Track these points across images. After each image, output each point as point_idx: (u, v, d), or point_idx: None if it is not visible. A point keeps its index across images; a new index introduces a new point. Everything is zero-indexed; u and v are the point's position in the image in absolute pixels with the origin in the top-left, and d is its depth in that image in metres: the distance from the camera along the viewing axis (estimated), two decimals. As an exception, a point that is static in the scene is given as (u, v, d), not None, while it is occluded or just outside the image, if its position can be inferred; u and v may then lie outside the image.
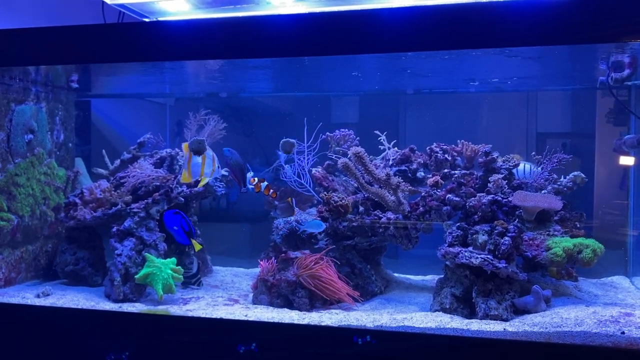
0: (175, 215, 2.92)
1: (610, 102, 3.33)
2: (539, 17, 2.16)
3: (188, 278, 3.04)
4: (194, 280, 3.06)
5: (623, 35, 2.16)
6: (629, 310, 2.44)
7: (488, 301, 2.45)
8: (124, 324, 2.58)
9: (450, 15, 2.26)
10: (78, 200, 3.07)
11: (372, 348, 2.23)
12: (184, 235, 2.91)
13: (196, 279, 3.06)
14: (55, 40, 2.68)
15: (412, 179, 3.14)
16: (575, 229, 2.86)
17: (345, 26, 2.36)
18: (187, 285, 3.05)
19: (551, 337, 2.19)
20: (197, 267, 3.10)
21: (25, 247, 3.14)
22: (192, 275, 3.06)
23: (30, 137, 3.12)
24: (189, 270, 3.06)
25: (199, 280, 3.09)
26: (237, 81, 3.55)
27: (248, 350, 2.30)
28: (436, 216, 2.82)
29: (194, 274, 3.07)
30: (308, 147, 3.04)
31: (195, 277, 3.06)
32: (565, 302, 2.60)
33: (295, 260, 2.76)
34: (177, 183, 3.13)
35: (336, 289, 2.70)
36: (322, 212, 2.95)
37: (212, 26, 2.59)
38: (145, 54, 2.64)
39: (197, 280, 3.07)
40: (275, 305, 2.71)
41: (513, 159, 3.01)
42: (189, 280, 3.05)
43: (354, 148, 2.77)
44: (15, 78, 3.02)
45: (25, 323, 2.61)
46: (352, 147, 2.78)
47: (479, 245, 2.55)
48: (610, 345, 2.13)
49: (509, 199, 2.76)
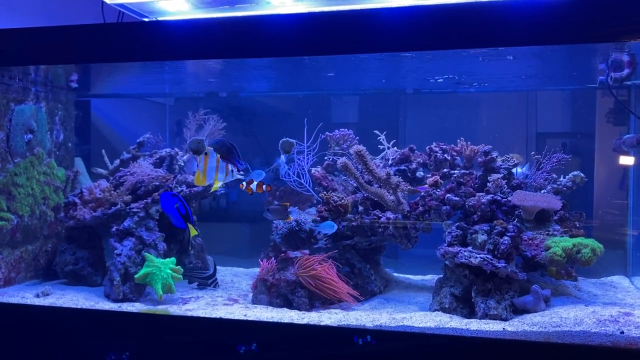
0: (173, 198, 2.77)
1: (610, 101, 3.33)
2: (537, 17, 2.16)
3: (204, 279, 3.02)
4: (211, 282, 3.03)
5: (622, 35, 2.16)
6: (629, 309, 2.44)
7: (487, 301, 2.45)
8: (124, 323, 2.58)
9: (449, 15, 2.26)
10: (77, 200, 3.07)
11: (372, 348, 2.23)
12: (180, 219, 2.77)
13: (212, 280, 3.03)
14: (54, 40, 2.68)
15: (412, 179, 3.15)
16: (574, 229, 2.86)
17: (345, 26, 2.36)
18: (204, 286, 3.04)
19: (550, 336, 2.19)
20: (214, 268, 3.07)
21: (25, 247, 3.14)
22: (209, 276, 3.03)
23: (30, 137, 3.12)
24: (205, 271, 3.05)
25: (216, 282, 3.06)
26: (237, 81, 3.55)
27: (248, 350, 2.30)
28: (435, 216, 2.82)
29: (210, 274, 3.04)
30: (307, 146, 3.05)
31: (212, 278, 3.04)
32: (565, 301, 2.60)
33: (296, 260, 2.76)
34: (176, 183, 3.13)
35: (337, 287, 2.70)
36: (322, 211, 2.95)
37: (211, 26, 2.59)
38: (145, 54, 2.64)
39: (213, 282, 3.04)
40: (274, 305, 2.71)
41: (512, 158, 3.01)
42: (205, 281, 3.03)
43: (356, 146, 2.77)
44: (14, 78, 3.03)
45: (25, 323, 2.61)
46: (354, 146, 2.78)
47: (478, 244, 2.55)
48: (610, 345, 2.13)
49: (508, 199, 2.76)
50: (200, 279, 3.02)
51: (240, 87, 3.83)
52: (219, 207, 4.01)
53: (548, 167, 2.99)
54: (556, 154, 2.99)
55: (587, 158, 3.46)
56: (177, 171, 3.30)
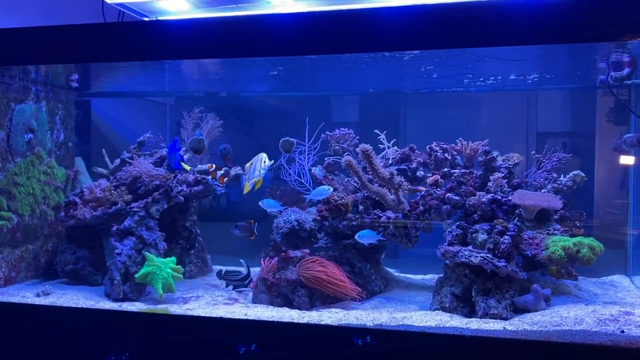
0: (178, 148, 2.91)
1: (610, 101, 3.33)
2: (537, 16, 2.16)
3: (239, 281, 3.01)
4: (247, 282, 3.01)
5: (622, 34, 2.17)
6: (629, 309, 2.44)
7: (488, 300, 2.44)
8: (124, 323, 2.58)
9: (448, 14, 2.27)
10: (78, 200, 3.07)
11: (372, 347, 2.23)
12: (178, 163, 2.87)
13: (248, 280, 3.00)
14: (55, 39, 2.68)
15: (412, 178, 3.15)
16: (575, 228, 2.86)
17: (345, 25, 2.36)
18: (239, 288, 3.01)
19: (551, 335, 2.19)
20: (248, 269, 3.03)
21: (26, 246, 3.14)
22: (243, 278, 3.01)
23: (30, 137, 3.12)
24: (238, 273, 3.03)
25: (251, 282, 3.00)
26: (238, 80, 3.55)
27: (248, 351, 2.30)
28: (436, 215, 2.82)
29: (244, 276, 3.02)
30: (308, 146, 3.05)
31: (248, 279, 3.00)
32: (565, 300, 2.60)
33: (299, 262, 2.76)
34: (176, 182, 3.13)
35: (340, 280, 2.68)
36: (322, 211, 2.95)
37: (211, 25, 2.60)
38: (145, 53, 2.65)
39: (249, 282, 3.00)
40: (275, 304, 2.71)
41: (513, 158, 3.01)
42: (240, 282, 3.01)
43: (362, 145, 2.75)
44: (15, 77, 3.03)
45: (25, 322, 2.62)
46: (361, 145, 2.76)
47: (479, 244, 2.55)
48: (610, 344, 2.13)
49: (508, 198, 2.76)
50: (235, 281, 2.99)
51: (241, 87, 3.84)
52: (220, 206, 4.01)
53: (548, 166, 2.98)
54: (556, 153, 2.99)
55: (588, 157, 3.46)
56: (177, 171, 3.30)
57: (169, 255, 2.90)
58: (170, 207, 3.07)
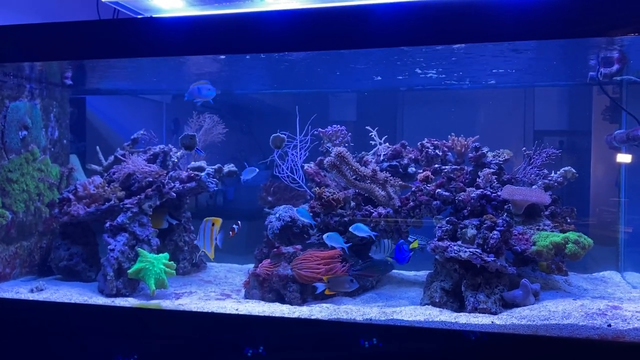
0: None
1: (606, 99, 3.34)
2: (530, 12, 2.18)
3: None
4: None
5: (611, 30, 2.18)
6: (617, 303, 2.45)
7: (477, 295, 2.45)
8: (117, 318, 2.60)
9: (443, 10, 2.28)
10: (72, 196, 3.09)
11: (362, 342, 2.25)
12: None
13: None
14: (49, 36, 2.70)
15: (403, 174, 3.16)
16: (565, 224, 2.87)
17: (340, 22, 2.38)
18: None
19: (538, 329, 2.20)
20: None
21: (20, 243, 3.16)
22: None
23: (25, 134, 3.14)
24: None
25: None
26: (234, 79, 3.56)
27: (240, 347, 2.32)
28: (426, 211, 2.84)
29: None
30: (301, 142, 3.06)
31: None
32: (554, 295, 2.61)
33: (289, 256, 2.77)
34: (169, 179, 3.15)
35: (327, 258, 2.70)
36: (314, 207, 2.96)
37: (206, 22, 2.61)
38: (139, 50, 2.66)
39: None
40: (267, 299, 2.73)
41: (503, 154, 3.03)
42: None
43: (337, 149, 2.77)
44: (9, 74, 3.04)
45: (19, 318, 2.64)
46: (335, 148, 2.78)
47: (468, 239, 2.56)
48: (597, 338, 2.14)
49: (497, 194, 2.77)
50: None
51: (238, 85, 3.84)
52: (216, 204, 4.02)
53: (538, 162, 2.99)
54: (545, 150, 3.00)
55: (584, 155, 3.46)
56: (170, 167, 3.32)
57: (162, 251, 2.92)
58: (163, 204, 3.08)
